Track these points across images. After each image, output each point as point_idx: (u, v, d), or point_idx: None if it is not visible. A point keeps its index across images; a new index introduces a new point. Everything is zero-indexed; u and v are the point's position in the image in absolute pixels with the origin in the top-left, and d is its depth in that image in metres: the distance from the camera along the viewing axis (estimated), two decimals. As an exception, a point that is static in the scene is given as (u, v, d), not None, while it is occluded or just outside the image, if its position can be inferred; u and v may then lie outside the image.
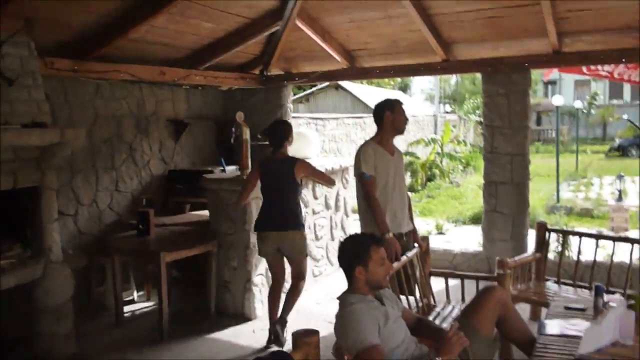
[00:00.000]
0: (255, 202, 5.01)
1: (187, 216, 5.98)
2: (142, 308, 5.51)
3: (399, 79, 30.32)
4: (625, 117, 26.30)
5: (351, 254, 2.79)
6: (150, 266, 5.52)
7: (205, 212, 5.60)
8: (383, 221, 3.96)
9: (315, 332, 2.40)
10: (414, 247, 4.17)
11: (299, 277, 4.58)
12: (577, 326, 2.94)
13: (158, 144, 6.43)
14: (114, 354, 4.44)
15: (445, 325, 3.52)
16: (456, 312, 3.97)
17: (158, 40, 5.29)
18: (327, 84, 19.27)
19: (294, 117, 8.08)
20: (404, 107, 4.19)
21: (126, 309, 5.28)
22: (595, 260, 4.55)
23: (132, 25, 4.71)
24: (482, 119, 6.20)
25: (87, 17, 4.55)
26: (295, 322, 4.73)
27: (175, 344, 4.60)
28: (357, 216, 4.64)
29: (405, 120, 4.19)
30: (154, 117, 6.37)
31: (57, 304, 4.19)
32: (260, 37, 5.98)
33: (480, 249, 6.37)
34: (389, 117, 4.12)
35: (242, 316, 5.09)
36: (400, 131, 4.20)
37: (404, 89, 34.39)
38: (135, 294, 5.68)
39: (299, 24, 5.73)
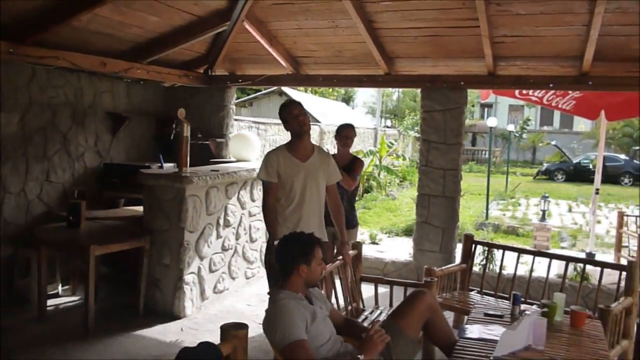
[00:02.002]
0: (191, 199, 4.99)
1: (120, 211, 5.86)
2: (66, 302, 5.35)
3: (342, 91, 30.71)
4: (553, 143, 27.78)
5: (297, 252, 2.85)
6: (78, 260, 5.38)
7: (140, 208, 5.51)
8: (272, 228, 3.88)
9: (244, 326, 2.44)
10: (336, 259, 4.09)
11: None
12: (494, 331, 3.11)
13: (94, 137, 6.28)
14: (35, 350, 4.28)
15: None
16: (383, 316, 4.09)
17: (101, 30, 5.18)
18: (271, 89, 19.31)
19: (236, 120, 8.07)
20: (295, 108, 3.94)
21: (50, 302, 5.11)
22: (515, 273, 4.81)
23: (75, 12, 4.58)
24: (419, 135, 6.41)
25: (28, 0, 4.42)
26: (231, 317, 4.74)
27: (101, 341, 4.50)
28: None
29: (299, 121, 3.87)
30: (92, 108, 6.22)
31: (-24, 293, 4.02)
32: (207, 35, 5.97)
33: (411, 259, 6.56)
34: (285, 125, 4.00)
35: (171, 315, 5.03)
36: (297, 134, 3.92)
37: (347, 100, 34.85)
38: (60, 288, 5.51)
39: (247, 26, 5.77)
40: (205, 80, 6.81)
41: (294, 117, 3.89)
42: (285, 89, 18.86)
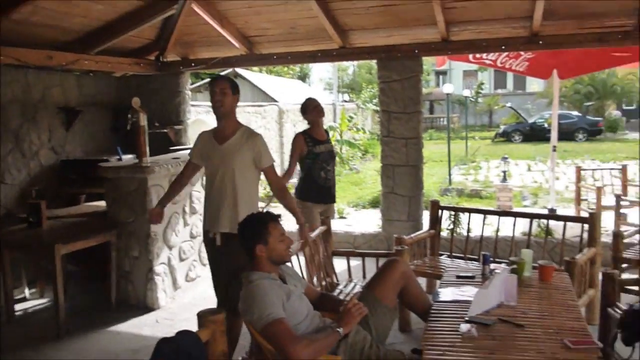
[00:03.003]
0: (154, 189, 4.91)
1: (82, 207, 5.73)
2: (35, 305, 5.22)
3: (297, 68, 30.53)
4: (508, 105, 28.34)
5: (250, 232, 2.84)
6: (43, 261, 5.24)
7: (102, 203, 5.40)
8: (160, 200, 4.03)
9: (220, 311, 2.43)
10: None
11: None
12: (467, 292, 3.17)
13: (47, 133, 6.09)
14: (7, 354, 4.18)
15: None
16: (358, 288, 4.13)
17: (44, 22, 4.98)
18: (226, 71, 19.04)
19: (192, 106, 7.94)
20: (215, 85, 3.56)
21: (18, 307, 4.99)
22: (482, 235, 4.92)
23: (14, 4, 4.41)
24: (379, 107, 6.44)
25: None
26: (206, 305, 4.72)
27: (75, 340, 4.42)
28: (261, 203, 4.72)
29: (214, 101, 3.53)
30: (42, 104, 6.02)
31: (-62, 304, 3.89)
32: (155, 20, 5.80)
33: (380, 229, 6.63)
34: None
35: (144, 307, 4.97)
36: (215, 116, 3.62)
37: (303, 78, 34.67)
38: (27, 291, 5.37)
39: (195, 8, 5.63)
40: (158, 67, 6.65)
41: (212, 96, 3.54)
42: (240, 70, 18.64)
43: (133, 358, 4.08)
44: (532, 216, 4.88)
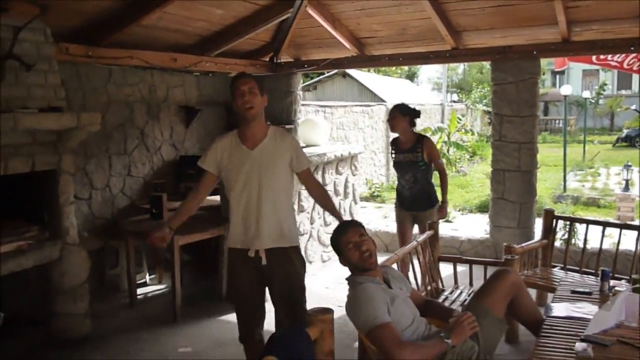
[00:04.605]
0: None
1: (198, 201, 6.04)
2: (154, 290, 5.62)
3: (405, 68, 30.25)
4: (633, 107, 26.28)
5: (332, 248, 3.03)
6: (162, 249, 5.62)
7: (216, 197, 5.67)
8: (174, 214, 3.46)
9: (329, 311, 2.49)
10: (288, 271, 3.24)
11: None
12: (583, 309, 3.02)
13: (169, 130, 6.51)
14: (128, 334, 4.55)
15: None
16: (464, 295, 4.06)
17: (169, 27, 5.34)
18: (334, 71, 19.30)
19: (302, 105, 8.13)
20: (245, 82, 3.11)
21: (139, 291, 5.38)
22: (601, 248, 4.61)
23: (145, 11, 4.76)
24: (489, 108, 6.25)
25: (101, 4, 4.61)
26: (310, 300, 4.84)
27: (188, 325, 4.71)
28: (365, 203, 4.73)
29: (241, 101, 3.07)
30: (165, 103, 6.45)
31: (73, 285, 4.29)
32: (271, 24, 6.02)
33: (487, 236, 6.44)
34: (233, 103, 3.15)
35: (252, 299, 5.17)
36: (242, 117, 3.13)
37: (411, 77, 34.31)
38: (147, 277, 5.79)
39: (310, 10, 5.77)
40: (271, 68, 6.89)
41: (239, 96, 3.07)
42: (348, 69, 18.80)
43: (241, 349, 4.26)
44: (659, 230, 4.52)
